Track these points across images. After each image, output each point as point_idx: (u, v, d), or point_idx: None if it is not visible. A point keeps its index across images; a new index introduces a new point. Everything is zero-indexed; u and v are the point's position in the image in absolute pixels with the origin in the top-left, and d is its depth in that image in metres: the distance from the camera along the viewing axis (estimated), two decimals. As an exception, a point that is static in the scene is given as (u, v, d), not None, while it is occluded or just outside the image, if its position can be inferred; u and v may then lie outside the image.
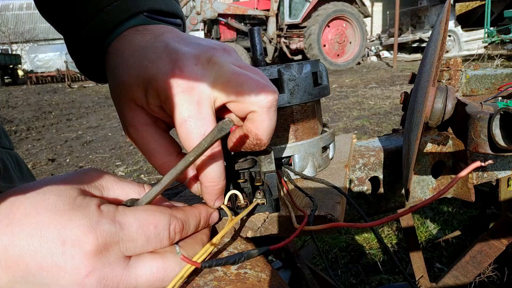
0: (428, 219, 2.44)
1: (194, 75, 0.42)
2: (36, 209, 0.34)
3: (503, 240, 0.93)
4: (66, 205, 0.35)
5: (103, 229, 0.35)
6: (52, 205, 0.35)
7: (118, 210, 0.38)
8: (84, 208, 0.35)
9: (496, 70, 0.97)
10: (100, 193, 0.40)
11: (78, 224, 0.34)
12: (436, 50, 0.53)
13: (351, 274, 2.03)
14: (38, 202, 0.35)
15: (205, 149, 0.36)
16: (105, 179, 0.41)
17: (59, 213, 0.34)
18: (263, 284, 0.40)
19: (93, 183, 0.40)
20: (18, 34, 27.75)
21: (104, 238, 0.35)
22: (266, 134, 0.44)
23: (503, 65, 5.73)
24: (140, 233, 0.37)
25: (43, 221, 0.34)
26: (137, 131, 0.46)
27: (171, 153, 0.47)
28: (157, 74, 0.42)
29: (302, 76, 0.56)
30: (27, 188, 0.36)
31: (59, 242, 0.33)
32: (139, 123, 0.46)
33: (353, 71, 10.76)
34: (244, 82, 0.42)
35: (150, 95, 0.43)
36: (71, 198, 0.36)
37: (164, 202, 0.44)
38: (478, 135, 0.53)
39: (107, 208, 0.37)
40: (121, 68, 0.46)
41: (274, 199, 0.47)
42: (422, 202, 0.31)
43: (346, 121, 5.05)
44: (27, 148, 5.37)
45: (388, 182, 0.75)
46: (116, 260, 0.36)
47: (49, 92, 12.36)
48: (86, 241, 0.34)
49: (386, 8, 17.65)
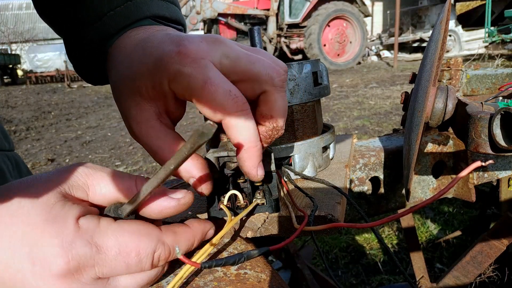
0: (429, 219, 2.44)
1: (201, 50, 0.40)
2: (11, 219, 0.32)
3: (503, 240, 0.93)
4: (40, 216, 0.32)
5: (76, 252, 0.32)
6: (26, 215, 0.32)
7: (98, 228, 0.34)
8: (59, 222, 0.33)
9: (497, 70, 0.97)
10: (84, 194, 0.37)
11: (49, 243, 0.32)
12: (436, 50, 0.53)
13: (352, 274, 2.02)
14: (13, 211, 0.32)
15: (186, 156, 0.32)
16: (92, 176, 0.37)
17: (32, 226, 0.32)
18: (263, 285, 0.40)
19: (77, 182, 0.36)
20: (18, 33, 27.75)
21: (76, 262, 0.32)
22: (282, 114, 0.42)
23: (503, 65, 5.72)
24: (119, 260, 0.34)
25: (16, 234, 0.32)
26: (141, 128, 0.43)
27: (176, 150, 0.44)
28: (162, 56, 0.40)
29: (302, 76, 0.55)
30: (8, 190, 0.34)
31: (29, 261, 0.32)
32: (144, 119, 0.43)
33: (353, 71, 10.76)
34: (256, 61, 0.41)
35: (156, 79, 0.41)
36: (47, 206, 0.33)
37: (161, 197, 0.38)
38: (479, 135, 0.52)
39: (86, 224, 0.34)
40: (124, 63, 0.44)
41: (274, 199, 0.47)
42: (422, 202, 0.31)
43: (346, 121, 5.04)
44: (27, 148, 5.37)
45: (389, 182, 0.75)
46: (90, 281, 0.34)
47: (49, 92, 12.36)
48: (55, 263, 0.32)
49: (386, 7, 17.65)
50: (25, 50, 23.99)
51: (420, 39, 13.62)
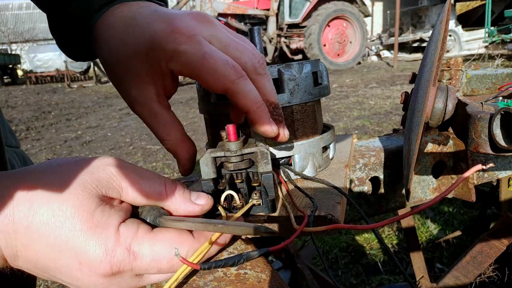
0: (429, 219, 2.44)
1: (192, 27, 0.43)
2: (54, 221, 0.34)
3: (503, 240, 0.93)
4: (84, 223, 0.35)
5: (117, 259, 0.35)
6: (70, 219, 0.34)
7: (136, 237, 0.37)
8: (102, 231, 0.35)
9: (497, 70, 0.97)
10: (118, 195, 0.39)
11: (93, 251, 0.35)
12: (436, 50, 0.53)
13: (352, 274, 2.02)
14: (55, 212, 0.34)
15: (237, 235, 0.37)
16: (126, 179, 0.39)
17: (76, 232, 0.34)
18: (263, 285, 0.40)
19: (112, 184, 0.38)
20: (18, 33, 27.77)
21: (117, 267, 0.36)
22: (273, 93, 0.47)
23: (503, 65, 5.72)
24: (152, 266, 0.37)
25: (60, 237, 0.34)
26: (143, 109, 0.47)
27: (173, 131, 0.48)
28: (154, 36, 0.42)
29: (302, 76, 0.55)
30: (44, 184, 0.35)
31: (76, 261, 0.35)
32: (144, 100, 0.46)
33: (353, 71, 10.76)
34: (243, 50, 0.45)
35: (153, 60, 0.43)
36: (89, 212, 0.35)
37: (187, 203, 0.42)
38: (479, 135, 0.52)
39: (125, 233, 0.37)
40: (116, 42, 0.46)
41: (270, 200, 0.47)
42: (423, 205, 0.31)
43: (346, 121, 5.04)
44: (27, 148, 5.37)
45: (389, 182, 0.75)
46: (128, 278, 0.38)
47: (49, 92, 12.36)
48: (100, 267, 0.35)
49: (386, 7, 17.64)
50: (25, 50, 23.99)
51: (420, 39, 13.62)
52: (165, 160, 4.16)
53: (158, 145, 4.79)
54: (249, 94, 0.44)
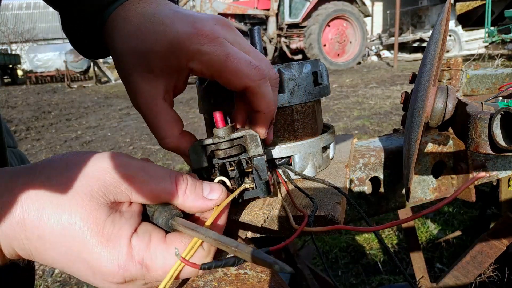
0: (429, 219, 2.44)
1: (216, 31, 0.44)
2: (65, 234, 0.34)
3: (503, 240, 0.93)
4: (94, 237, 0.34)
5: (130, 272, 0.35)
6: (79, 233, 0.34)
7: (149, 250, 0.36)
8: (113, 246, 0.35)
9: (497, 70, 0.97)
10: (127, 198, 0.38)
11: (106, 266, 0.35)
12: (436, 50, 0.53)
13: (352, 274, 2.02)
14: (65, 225, 0.34)
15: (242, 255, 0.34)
16: (132, 179, 0.37)
17: (88, 246, 0.34)
18: (263, 285, 0.40)
19: (120, 188, 0.37)
20: (18, 33, 27.76)
21: (129, 278, 0.36)
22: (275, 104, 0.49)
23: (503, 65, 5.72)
24: (164, 276, 0.37)
25: (72, 248, 0.34)
26: (148, 104, 0.46)
27: (175, 129, 0.47)
28: (177, 37, 0.43)
29: (302, 76, 0.55)
30: (52, 190, 0.35)
31: (90, 271, 0.35)
32: (151, 95, 0.46)
33: (353, 71, 10.76)
34: (262, 59, 0.47)
35: (172, 58, 0.44)
36: (98, 224, 0.35)
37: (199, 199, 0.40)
38: (479, 135, 0.52)
39: (138, 246, 0.36)
40: (133, 36, 0.45)
41: (264, 182, 0.46)
42: (426, 210, 0.31)
43: (346, 121, 5.04)
44: (27, 148, 5.37)
45: (389, 182, 0.75)
46: (142, 284, 0.38)
47: (49, 92, 12.36)
48: (114, 279, 0.36)
49: (386, 7, 17.64)
50: (25, 50, 23.99)
51: (420, 39, 13.62)
52: (165, 160, 4.16)
53: (158, 145, 4.79)
54: (267, 96, 0.45)
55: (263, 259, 0.32)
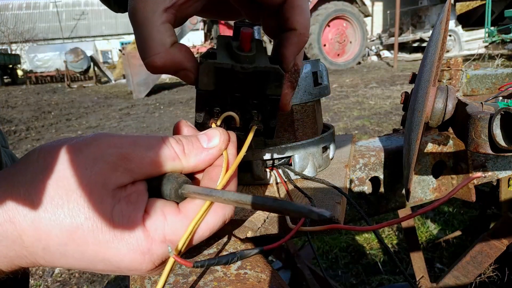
0: (429, 219, 2.44)
1: None
2: (72, 240, 0.31)
3: (503, 240, 0.93)
4: (106, 233, 0.31)
5: (156, 255, 0.33)
6: (89, 234, 0.31)
7: (166, 225, 0.34)
8: (129, 236, 0.32)
9: (497, 70, 0.97)
10: (129, 179, 0.34)
11: (129, 257, 0.32)
12: (436, 50, 0.53)
13: (352, 274, 2.02)
14: (69, 230, 0.31)
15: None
16: (130, 158, 0.33)
17: (102, 245, 0.31)
18: (263, 285, 0.40)
19: (118, 171, 0.33)
20: (18, 33, 27.77)
21: (159, 259, 0.34)
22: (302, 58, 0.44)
23: (503, 65, 5.73)
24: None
25: (87, 252, 0.32)
26: (146, 6, 0.37)
27: (167, 40, 0.38)
28: None
29: (302, 76, 0.55)
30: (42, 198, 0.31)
31: (113, 267, 0.33)
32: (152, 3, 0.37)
33: (353, 71, 10.76)
34: None
35: None
36: (107, 219, 0.31)
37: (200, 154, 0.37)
38: (479, 135, 0.52)
39: (154, 225, 0.33)
40: None
41: (272, 127, 0.43)
42: (423, 209, 0.31)
43: (346, 121, 5.04)
44: (27, 148, 5.37)
45: (389, 182, 0.75)
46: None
47: (49, 92, 12.36)
48: (143, 268, 0.33)
49: (386, 7, 17.64)
50: (25, 50, 24.00)
51: (420, 39, 13.61)
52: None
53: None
54: (305, 13, 0.40)
55: (297, 210, 0.29)
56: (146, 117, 6.86)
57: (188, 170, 0.38)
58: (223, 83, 0.40)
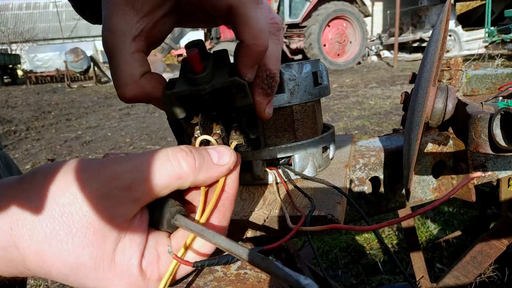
0: (429, 219, 2.44)
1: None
2: (73, 273, 0.32)
3: (503, 240, 0.93)
4: (107, 272, 0.33)
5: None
6: (92, 271, 0.32)
7: (161, 264, 0.36)
8: (128, 277, 0.34)
9: (497, 70, 0.96)
10: (135, 210, 0.34)
11: None
12: (436, 50, 0.53)
13: (352, 274, 2.02)
14: (72, 266, 0.32)
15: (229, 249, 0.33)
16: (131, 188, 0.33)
17: (103, 281, 0.33)
18: (263, 285, 0.40)
19: (123, 206, 0.33)
20: (18, 34, 27.77)
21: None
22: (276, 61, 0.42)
23: (503, 65, 5.73)
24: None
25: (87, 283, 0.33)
26: (114, 39, 0.37)
27: (136, 71, 0.38)
28: None
29: (302, 76, 0.55)
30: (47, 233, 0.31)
31: None
32: (121, 31, 0.37)
33: (353, 71, 10.76)
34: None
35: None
36: (109, 258, 0.33)
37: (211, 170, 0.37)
38: (479, 135, 0.52)
39: (150, 268, 0.35)
40: None
41: (253, 138, 0.42)
42: (422, 209, 0.31)
43: (346, 121, 5.04)
44: (27, 148, 5.37)
45: (389, 182, 0.75)
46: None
47: (49, 92, 12.36)
48: None
49: (386, 7, 17.64)
50: (25, 50, 23.98)
51: (420, 39, 13.61)
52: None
53: (158, 145, 4.79)
54: (253, 21, 0.36)
55: (286, 275, 0.28)
56: (146, 117, 6.87)
57: (196, 185, 0.37)
58: (192, 108, 0.39)
